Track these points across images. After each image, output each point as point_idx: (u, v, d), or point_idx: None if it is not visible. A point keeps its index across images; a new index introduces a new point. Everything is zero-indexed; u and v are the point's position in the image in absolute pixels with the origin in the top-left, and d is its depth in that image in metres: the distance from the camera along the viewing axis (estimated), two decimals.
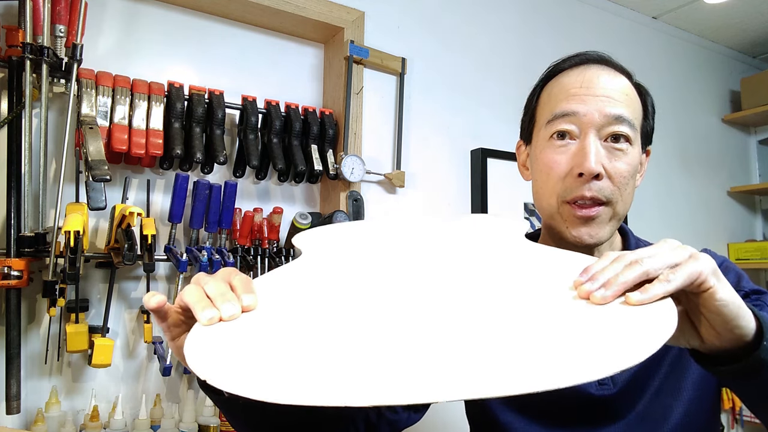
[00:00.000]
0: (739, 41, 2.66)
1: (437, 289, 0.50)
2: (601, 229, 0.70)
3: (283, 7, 1.43)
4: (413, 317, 0.43)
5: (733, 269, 0.74)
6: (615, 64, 0.75)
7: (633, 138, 0.70)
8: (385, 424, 0.76)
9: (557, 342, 0.37)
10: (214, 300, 0.46)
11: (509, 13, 1.96)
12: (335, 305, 0.48)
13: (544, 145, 0.73)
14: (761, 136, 2.79)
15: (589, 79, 0.71)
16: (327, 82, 1.60)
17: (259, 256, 1.35)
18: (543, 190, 0.74)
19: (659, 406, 0.69)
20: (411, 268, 0.56)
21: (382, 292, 0.50)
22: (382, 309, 0.46)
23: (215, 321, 0.44)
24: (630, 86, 0.73)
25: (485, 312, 0.43)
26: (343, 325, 0.43)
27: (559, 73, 0.76)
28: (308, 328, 0.43)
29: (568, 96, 0.71)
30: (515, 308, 0.43)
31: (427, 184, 1.70)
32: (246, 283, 0.49)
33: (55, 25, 1.12)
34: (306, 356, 0.39)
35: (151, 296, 0.49)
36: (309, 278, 0.56)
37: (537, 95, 0.78)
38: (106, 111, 1.17)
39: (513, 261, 0.57)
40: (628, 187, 0.71)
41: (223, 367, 0.39)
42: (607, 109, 0.69)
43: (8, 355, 1.05)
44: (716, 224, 2.55)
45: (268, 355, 0.39)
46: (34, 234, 1.08)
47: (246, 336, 0.43)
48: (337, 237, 0.69)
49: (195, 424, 1.22)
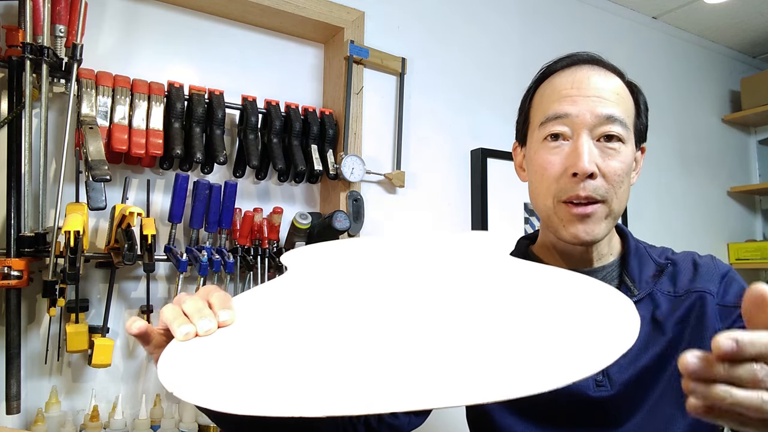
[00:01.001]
0: (739, 41, 2.66)
1: (415, 303, 0.50)
2: (597, 226, 0.70)
3: (283, 7, 1.43)
4: (392, 331, 0.43)
5: (737, 281, 0.74)
6: (606, 64, 0.75)
7: (625, 137, 0.71)
8: (386, 428, 0.76)
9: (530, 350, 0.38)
10: (191, 317, 0.47)
11: (509, 12, 1.96)
12: (314, 319, 0.48)
13: (538, 146, 0.74)
14: (761, 136, 2.79)
15: (579, 80, 0.72)
16: (327, 82, 1.60)
17: (259, 256, 1.35)
18: (539, 191, 0.75)
19: (662, 415, 0.68)
20: (394, 284, 0.56)
21: (362, 307, 0.50)
22: (361, 322, 0.46)
23: (191, 336, 0.45)
24: (621, 85, 0.73)
25: (465, 324, 0.44)
26: (319, 337, 0.43)
27: (552, 74, 0.76)
28: (284, 341, 0.44)
29: (560, 97, 0.72)
30: (494, 320, 0.44)
31: (427, 184, 1.70)
32: (224, 300, 0.50)
33: (55, 25, 1.12)
34: (278, 368, 0.39)
35: (133, 322, 0.49)
36: (290, 294, 0.56)
37: (530, 97, 0.79)
38: (106, 111, 1.17)
39: (491, 276, 0.57)
40: (623, 185, 0.71)
41: (191, 380, 0.39)
42: (599, 110, 0.69)
43: (8, 355, 1.05)
44: (716, 224, 2.55)
45: (239, 368, 0.40)
46: (34, 234, 1.08)
47: (218, 350, 0.43)
48: (322, 254, 0.70)
49: (195, 424, 1.22)
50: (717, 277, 0.73)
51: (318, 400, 0.34)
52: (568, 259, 0.78)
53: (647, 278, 0.75)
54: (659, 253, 0.80)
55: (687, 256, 0.78)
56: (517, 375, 0.34)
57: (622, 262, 0.77)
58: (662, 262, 0.77)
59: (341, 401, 0.34)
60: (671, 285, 0.74)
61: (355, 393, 0.34)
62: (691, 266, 0.76)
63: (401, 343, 0.41)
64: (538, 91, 0.78)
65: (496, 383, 0.34)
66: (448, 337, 0.41)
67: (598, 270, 0.77)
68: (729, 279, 0.73)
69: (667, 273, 0.76)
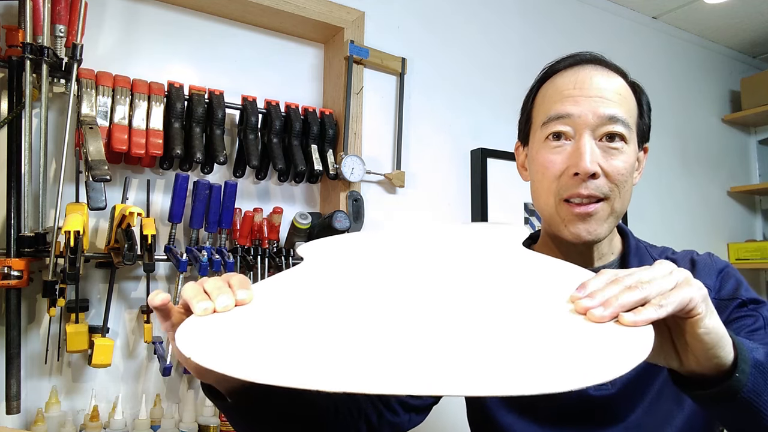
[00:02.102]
0: (739, 41, 2.66)
1: (432, 292, 0.50)
2: (599, 225, 0.70)
3: (283, 7, 1.43)
4: (407, 317, 0.44)
5: (733, 275, 0.74)
6: (609, 64, 0.75)
7: (628, 137, 0.71)
8: (386, 425, 0.76)
9: (540, 349, 0.38)
10: (210, 294, 0.49)
11: (509, 12, 1.96)
12: (328, 302, 0.50)
13: (540, 146, 0.74)
14: (761, 136, 2.79)
15: (582, 80, 0.72)
16: (327, 82, 1.60)
17: (259, 256, 1.35)
18: (540, 190, 0.74)
19: (660, 411, 0.69)
20: (409, 274, 0.57)
21: (377, 294, 0.50)
22: (375, 308, 0.47)
23: (209, 312, 0.47)
24: (624, 85, 0.73)
25: (476, 315, 0.44)
26: (334, 319, 0.45)
27: (554, 74, 0.76)
28: (300, 320, 0.45)
29: (562, 97, 0.72)
30: (506, 314, 0.44)
31: (427, 184, 1.70)
32: (242, 281, 0.52)
33: (55, 25, 1.12)
34: (291, 341, 0.40)
35: (156, 294, 0.51)
36: (307, 280, 0.57)
37: (533, 97, 0.79)
38: (106, 111, 1.17)
39: (510, 268, 0.58)
40: (626, 185, 0.71)
41: (208, 347, 0.41)
42: (601, 110, 0.69)
43: (8, 355, 1.05)
44: (716, 224, 2.55)
45: (255, 341, 0.41)
46: (34, 234, 1.08)
47: (234, 323, 0.45)
48: (339, 245, 0.71)
49: (195, 424, 1.22)
50: (714, 272, 0.74)
51: (331, 375, 0.35)
52: (568, 259, 0.78)
53: None
54: (659, 252, 0.80)
55: (686, 255, 0.78)
56: (526, 372, 0.35)
57: (623, 262, 0.77)
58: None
59: (355, 379, 0.34)
60: None
61: (369, 372, 0.35)
62: (689, 264, 0.76)
63: (416, 330, 0.41)
64: (540, 90, 0.78)
65: (503, 378, 0.34)
66: (461, 328, 0.42)
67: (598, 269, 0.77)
68: (725, 274, 0.74)
69: None
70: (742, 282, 0.73)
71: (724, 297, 0.71)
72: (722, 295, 0.71)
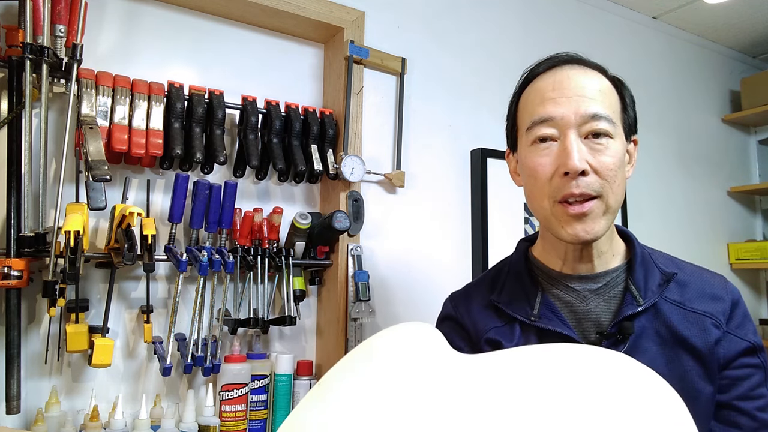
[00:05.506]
0: (739, 41, 2.66)
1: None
2: (595, 224, 0.71)
3: (283, 7, 1.43)
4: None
5: (748, 316, 0.76)
6: (587, 62, 0.76)
7: (613, 132, 0.71)
8: None
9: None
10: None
11: (509, 12, 1.96)
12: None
13: (528, 150, 0.75)
14: (761, 136, 2.79)
15: (560, 81, 0.72)
16: (327, 82, 1.60)
17: (259, 256, 1.35)
18: (534, 194, 0.75)
19: None
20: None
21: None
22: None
23: None
24: (604, 81, 0.74)
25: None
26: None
27: (534, 78, 0.77)
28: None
29: (543, 100, 0.73)
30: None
31: (427, 184, 1.70)
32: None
33: (55, 25, 1.12)
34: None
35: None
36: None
37: (515, 102, 0.81)
38: (106, 111, 1.17)
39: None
40: (617, 179, 0.71)
41: None
42: (582, 109, 0.70)
43: (8, 355, 1.05)
44: (716, 224, 2.55)
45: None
46: (34, 234, 1.08)
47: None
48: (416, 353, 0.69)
49: (195, 424, 1.22)
50: (728, 303, 0.75)
51: None
52: (567, 259, 0.78)
53: (653, 288, 0.75)
54: (665, 261, 0.80)
55: (700, 273, 0.79)
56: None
57: (629, 270, 0.77)
58: (668, 272, 0.77)
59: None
60: (679, 295, 0.75)
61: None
62: (702, 284, 0.77)
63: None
64: (522, 96, 0.79)
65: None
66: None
67: (602, 275, 0.77)
68: (742, 316, 0.75)
69: (674, 283, 0.76)
70: (752, 322, 0.75)
71: (731, 331, 0.73)
72: (730, 328, 0.73)
